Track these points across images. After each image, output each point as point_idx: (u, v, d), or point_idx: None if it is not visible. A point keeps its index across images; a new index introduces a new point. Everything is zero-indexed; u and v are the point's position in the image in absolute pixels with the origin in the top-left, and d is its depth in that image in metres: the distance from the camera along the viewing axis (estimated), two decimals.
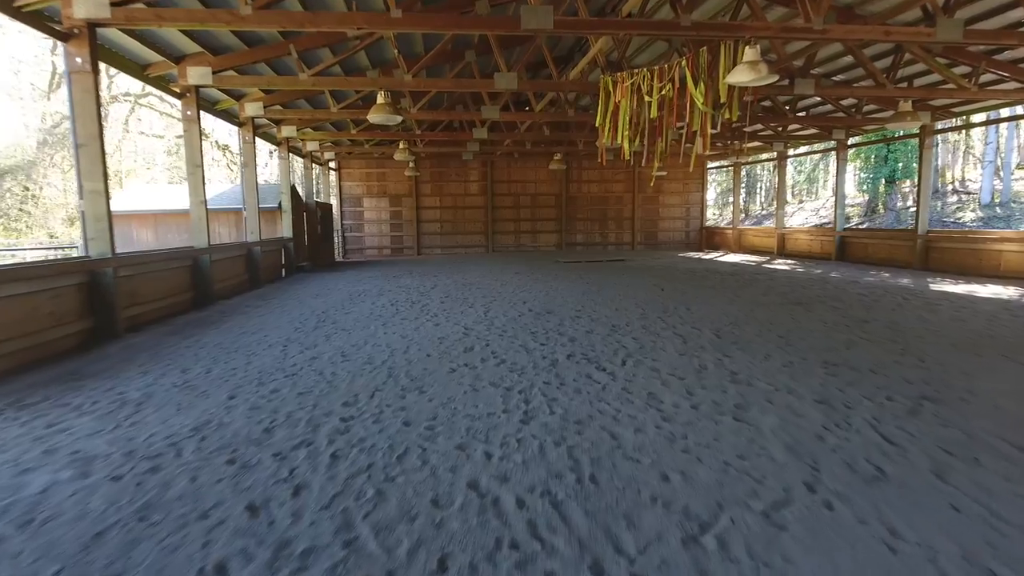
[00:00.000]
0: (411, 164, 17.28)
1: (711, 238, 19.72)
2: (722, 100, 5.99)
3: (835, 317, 6.31)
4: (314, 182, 14.36)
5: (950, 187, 21.92)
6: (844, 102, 10.97)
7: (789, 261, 14.10)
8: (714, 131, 6.34)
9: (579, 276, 10.91)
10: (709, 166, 19.97)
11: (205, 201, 7.58)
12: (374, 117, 7.42)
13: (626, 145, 7.09)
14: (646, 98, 6.70)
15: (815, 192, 29.19)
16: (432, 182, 18.85)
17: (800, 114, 11.90)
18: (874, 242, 12.51)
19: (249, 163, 9.61)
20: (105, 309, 5.30)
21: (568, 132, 13.42)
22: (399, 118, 7.48)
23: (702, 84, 6.03)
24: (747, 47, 5.55)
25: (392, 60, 8.20)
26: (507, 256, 17.20)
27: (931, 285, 9.10)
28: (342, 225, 18.53)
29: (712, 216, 29.09)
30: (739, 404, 3.45)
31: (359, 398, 3.62)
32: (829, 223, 22.19)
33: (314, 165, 15.98)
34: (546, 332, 5.61)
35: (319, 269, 13.60)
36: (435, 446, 2.87)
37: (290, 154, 13.59)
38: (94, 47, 5.27)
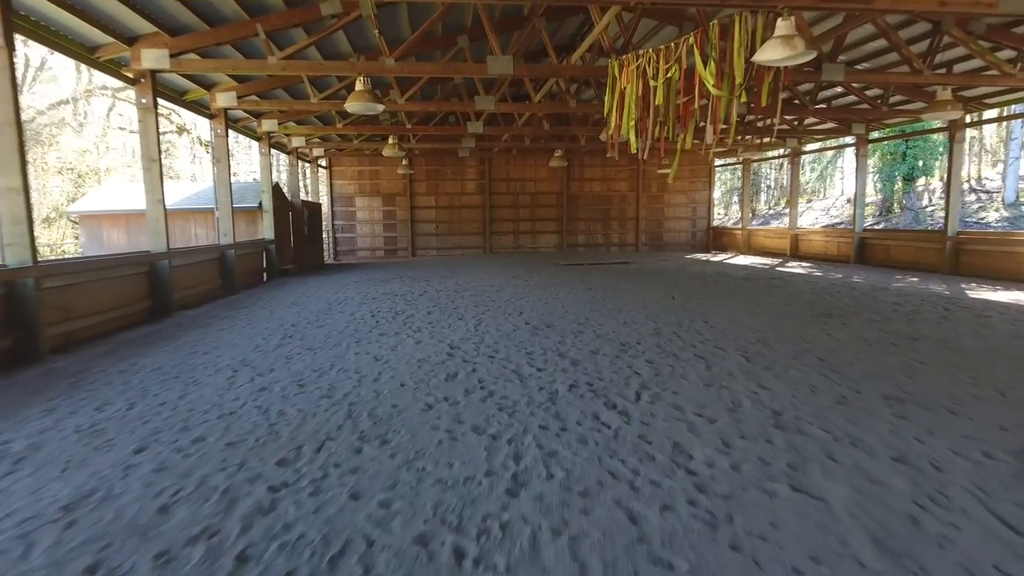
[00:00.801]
0: (404, 162, 16.49)
1: (719, 239, 18.89)
2: (738, 80, 5.15)
3: (876, 333, 5.49)
4: (300, 179, 13.57)
5: (966, 185, 21.09)
6: (869, 92, 10.15)
7: (804, 264, 13.28)
8: (736, 120, 5.52)
9: (581, 281, 10.11)
10: (716, 163, 19.13)
11: (163, 200, 6.79)
12: (352, 106, 6.62)
13: (632, 137, 6.29)
14: (651, 83, 5.89)
15: (823, 191, 28.34)
16: (427, 180, 18.05)
17: (820, 106, 11.04)
18: (897, 244, 11.68)
19: (221, 158, 8.82)
20: (25, 326, 4.50)
21: (569, 127, 12.62)
22: (380, 107, 6.68)
23: (712, 63, 5.22)
24: (779, 19, 4.74)
25: (375, 46, 7.41)
26: (505, 258, 16.41)
27: (968, 292, 8.28)
28: (333, 225, 17.75)
29: (716, 216, 28.25)
30: (793, 463, 2.65)
31: (302, 452, 2.82)
32: (841, 223, 21.40)
33: (300, 162, 15.21)
34: (544, 352, 4.81)
35: (305, 272, 12.81)
36: (387, 537, 2.07)
37: (276, 151, 12.84)
38: (7, 17, 4.47)
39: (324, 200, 18.13)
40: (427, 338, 5.44)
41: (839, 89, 10.41)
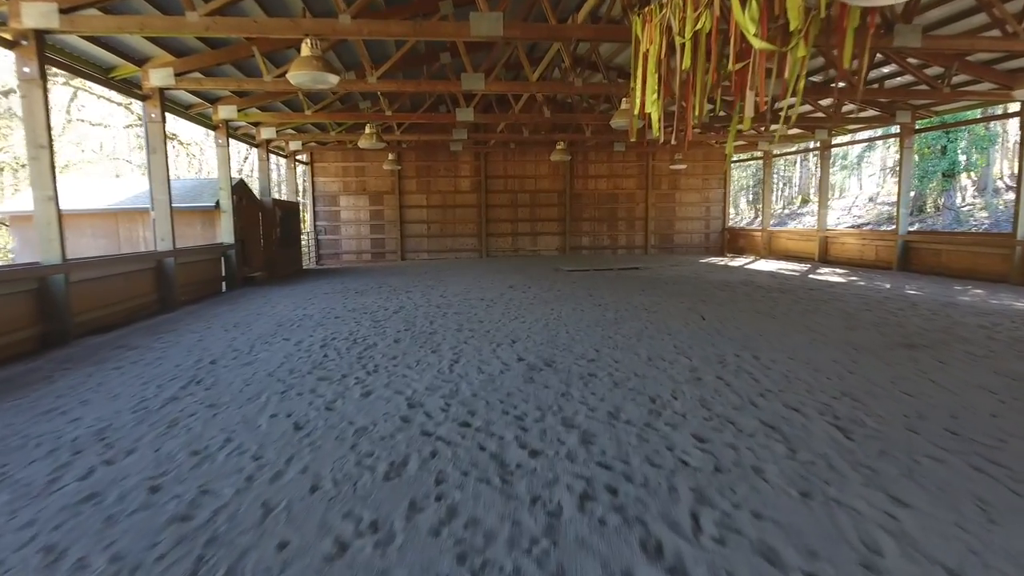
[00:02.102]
0: (391, 157, 15.03)
1: (735, 241, 17.39)
2: (794, 26, 3.64)
3: (990, 376, 4.02)
4: (270, 175, 12.12)
5: (999, 183, 19.56)
6: (929, 71, 8.64)
7: (838, 270, 11.78)
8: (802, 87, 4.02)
9: (588, 293, 8.63)
10: (734, 159, 17.63)
11: (56, 197, 5.34)
12: (297, 76, 5.16)
13: (654, 113, 4.82)
14: (677, 40, 4.41)
15: (839, 190, 26.78)
16: (417, 177, 16.58)
17: (871, 86, 9.47)
18: (950, 248, 10.16)
19: (157, 148, 7.36)
20: None
21: (573, 114, 11.12)
22: (333, 78, 5.22)
23: (753, 3, 3.74)
24: None
25: (334, 10, 5.95)
26: (502, 263, 14.93)
27: None
28: (315, 227, 16.30)
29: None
30: None
31: None
32: (868, 224, 19.87)
33: (276, 158, 13.77)
34: (541, 416, 3.33)
35: (277, 281, 11.36)
36: None
37: (244, 144, 11.40)
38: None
39: (305, 199, 16.71)
40: (381, 386, 3.97)
41: (891, 68, 8.90)
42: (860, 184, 25.95)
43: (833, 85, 9.04)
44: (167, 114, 9.32)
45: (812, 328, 5.81)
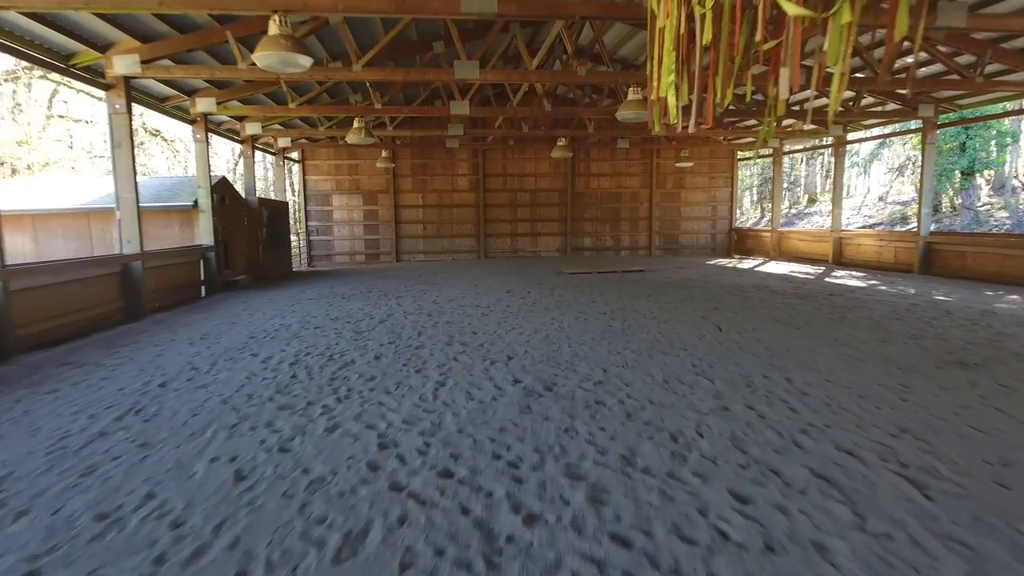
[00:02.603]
0: (385, 154, 14.43)
1: (742, 242, 16.78)
2: None
3: None
4: (254, 172, 11.52)
5: (1017, 182, 18.92)
6: (960, 59, 8.01)
7: (855, 273, 11.17)
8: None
9: (592, 299, 8.02)
10: (739, 156, 17.01)
11: None
12: (263, 57, 4.57)
13: (671, 97, 4.20)
14: (697, 11, 3.79)
15: (851, 188, 26.15)
16: (413, 176, 15.97)
17: (899, 76, 8.80)
18: (978, 251, 9.54)
19: (122, 142, 6.75)
20: None
21: (575, 107, 10.51)
22: (305, 59, 4.63)
23: None
24: None
25: None
26: (501, 265, 14.33)
27: None
28: (307, 227, 15.70)
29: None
30: None
31: None
32: (880, 224, 19.25)
33: (264, 155, 13.19)
34: (540, 463, 2.73)
35: (262, 284, 10.76)
36: None
37: (230, 142, 10.87)
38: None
39: (295, 198, 16.12)
40: (351, 418, 3.37)
41: (918, 56, 8.26)
42: (867, 183, 25.34)
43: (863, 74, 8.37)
44: (142, 107, 8.76)
45: (842, 341, 5.21)
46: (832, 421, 3.21)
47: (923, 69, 8.79)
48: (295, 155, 15.34)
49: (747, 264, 13.67)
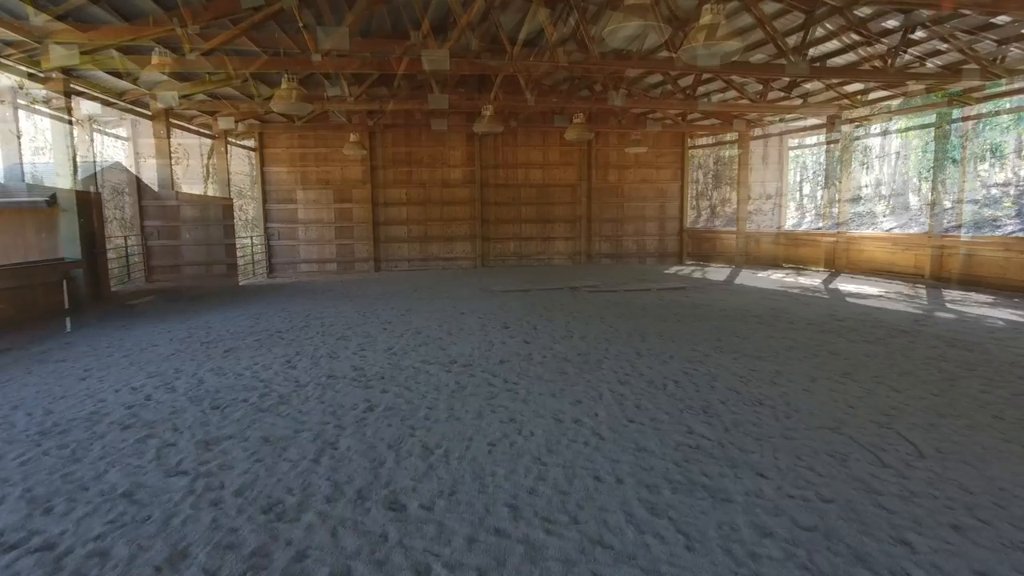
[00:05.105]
0: (353, 137, 11.63)
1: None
2: None
3: None
4: (170, 157, 8.71)
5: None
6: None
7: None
8: None
9: (634, 349, 5.16)
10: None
11: None
12: None
13: None
14: None
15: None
16: (395, 166, 13.15)
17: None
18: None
19: None
20: None
21: (597, 64, 7.53)
22: None
23: None
24: None
25: None
26: (501, 277, 11.46)
27: None
28: (266, 229, 12.92)
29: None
30: None
31: None
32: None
33: (199, 138, 10.43)
34: None
35: (177, 306, 7.95)
36: None
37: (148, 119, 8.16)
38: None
39: (254, 193, 13.36)
40: None
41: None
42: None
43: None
44: None
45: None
46: None
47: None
48: (250, 142, 12.56)
49: (801, 281, 10.72)
